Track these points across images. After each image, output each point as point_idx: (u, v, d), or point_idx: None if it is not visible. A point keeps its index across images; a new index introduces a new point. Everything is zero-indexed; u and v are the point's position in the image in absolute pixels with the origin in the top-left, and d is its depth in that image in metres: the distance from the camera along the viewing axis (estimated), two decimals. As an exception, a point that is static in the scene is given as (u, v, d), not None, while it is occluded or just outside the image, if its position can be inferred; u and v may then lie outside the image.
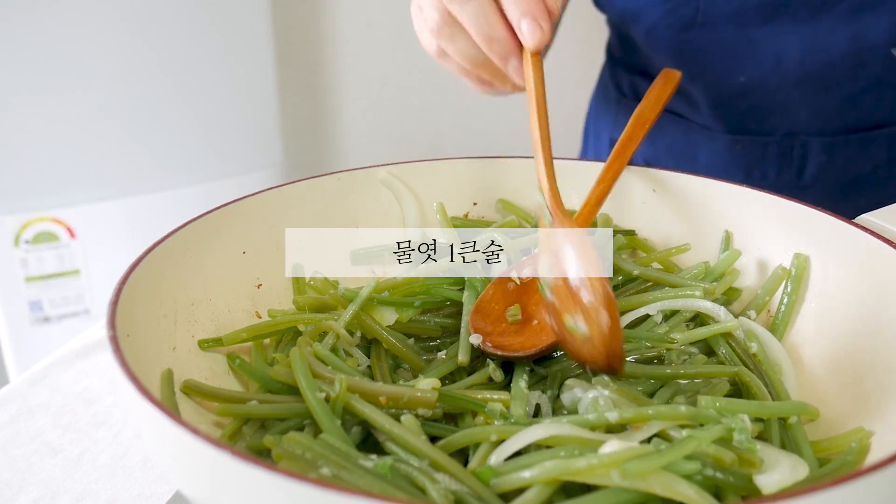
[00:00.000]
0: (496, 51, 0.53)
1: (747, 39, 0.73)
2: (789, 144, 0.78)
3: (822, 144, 0.77)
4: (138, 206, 1.33)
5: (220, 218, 0.52)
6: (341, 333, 0.50)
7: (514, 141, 1.75)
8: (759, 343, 0.50)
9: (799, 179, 0.78)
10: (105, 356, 0.66)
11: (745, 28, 0.73)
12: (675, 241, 0.60)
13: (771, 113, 0.77)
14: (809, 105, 0.76)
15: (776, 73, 0.74)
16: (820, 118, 0.76)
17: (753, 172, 0.79)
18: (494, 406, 0.42)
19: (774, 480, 0.37)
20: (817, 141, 0.77)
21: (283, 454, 0.36)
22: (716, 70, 0.76)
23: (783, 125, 0.77)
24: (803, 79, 0.74)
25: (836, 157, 0.77)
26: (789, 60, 0.73)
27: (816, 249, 0.52)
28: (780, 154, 0.78)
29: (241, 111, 1.41)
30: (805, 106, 0.76)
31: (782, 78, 0.74)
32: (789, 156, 0.78)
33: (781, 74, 0.74)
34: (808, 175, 0.78)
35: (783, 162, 0.78)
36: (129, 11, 1.24)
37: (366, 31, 1.64)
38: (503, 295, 0.52)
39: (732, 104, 0.78)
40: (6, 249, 1.25)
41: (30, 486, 0.51)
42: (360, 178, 0.60)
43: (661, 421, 0.40)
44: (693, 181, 0.58)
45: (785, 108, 0.76)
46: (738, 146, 0.79)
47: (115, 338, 0.38)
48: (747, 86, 0.76)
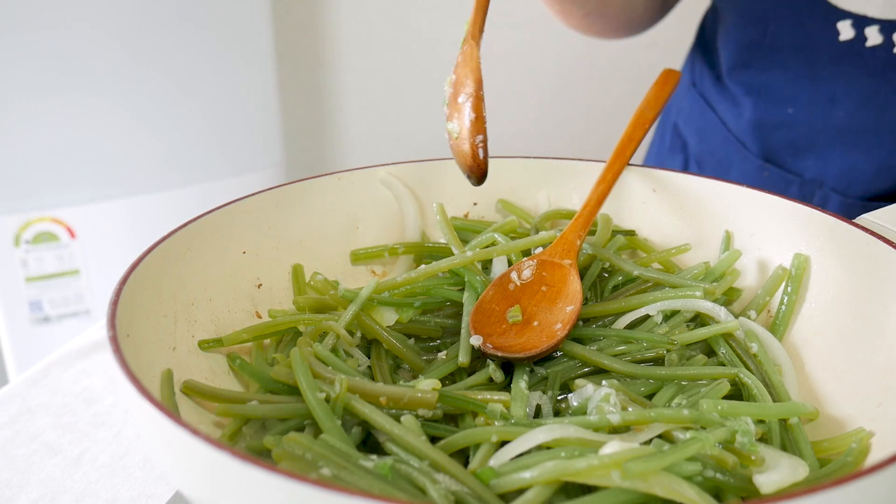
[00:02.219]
0: None
1: (810, 74, 0.72)
2: (811, 191, 0.77)
3: (842, 204, 0.76)
4: (138, 206, 1.33)
5: (220, 218, 0.52)
6: (341, 334, 0.50)
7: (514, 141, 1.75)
8: (759, 343, 0.50)
9: None
10: (105, 356, 0.66)
11: (811, 62, 0.72)
12: (675, 241, 0.60)
13: (807, 152, 0.76)
14: (846, 158, 0.74)
15: (826, 115, 0.73)
16: (851, 177, 0.75)
17: None
18: (495, 407, 0.42)
19: (773, 480, 0.37)
20: (839, 199, 0.76)
21: (283, 454, 0.36)
22: (770, 93, 0.76)
23: (813, 170, 0.76)
24: (850, 129, 0.73)
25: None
26: (843, 107, 0.72)
27: (816, 249, 0.52)
28: (800, 197, 0.77)
29: (241, 111, 1.41)
30: (841, 157, 0.74)
31: (830, 121, 0.73)
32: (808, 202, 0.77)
33: (830, 117, 0.73)
34: None
35: None
36: (129, 11, 1.24)
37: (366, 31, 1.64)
38: (503, 296, 0.52)
39: (774, 132, 0.77)
40: (6, 249, 1.25)
41: (30, 486, 0.51)
42: (360, 178, 0.60)
43: (663, 423, 0.40)
44: (693, 181, 0.58)
45: (821, 153, 0.75)
46: (765, 173, 0.79)
47: (115, 338, 0.38)
48: (794, 118, 0.75)
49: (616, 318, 0.53)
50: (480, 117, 0.50)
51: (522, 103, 1.72)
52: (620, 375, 0.47)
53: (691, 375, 0.47)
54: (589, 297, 0.55)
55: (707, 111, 0.85)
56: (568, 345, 0.48)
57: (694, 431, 0.39)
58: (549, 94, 1.69)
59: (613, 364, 0.47)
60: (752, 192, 0.55)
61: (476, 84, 0.50)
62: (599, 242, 0.58)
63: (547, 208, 0.62)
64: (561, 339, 0.48)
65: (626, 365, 0.47)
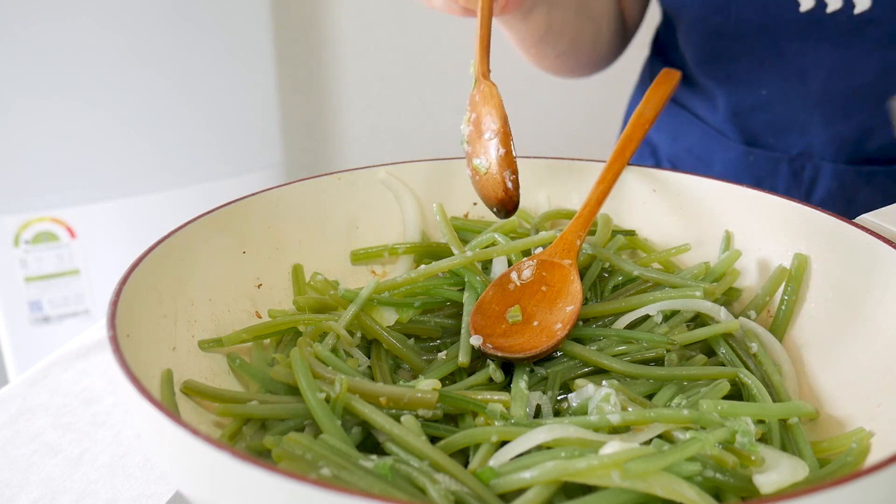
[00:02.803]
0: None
1: (776, 52, 0.73)
2: (801, 165, 0.77)
3: (834, 171, 0.76)
4: (138, 206, 1.33)
5: (220, 218, 0.52)
6: (341, 334, 0.50)
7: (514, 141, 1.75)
8: (759, 343, 0.50)
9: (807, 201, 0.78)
10: (105, 356, 0.66)
11: (775, 41, 0.72)
12: (675, 241, 0.60)
13: (788, 130, 0.76)
14: (828, 128, 0.75)
15: (799, 91, 0.73)
16: (836, 144, 0.75)
17: (763, 186, 0.79)
18: (495, 407, 0.42)
19: (773, 480, 0.37)
20: (830, 167, 0.76)
21: (283, 455, 0.36)
22: (741, 79, 0.76)
23: (798, 144, 0.77)
24: (826, 100, 0.73)
25: (845, 187, 0.76)
26: (814, 79, 0.72)
27: (816, 249, 0.52)
28: (791, 173, 0.78)
29: (241, 111, 1.41)
30: (823, 129, 0.75)
31: (805, 96, 0.74)
32: (800, 176, 0.77)
33: (804, 93, 0.73)
34: (815, 199, 0.77)
35: (793, 181, 0.78)
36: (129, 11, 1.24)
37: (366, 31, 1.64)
38: (503, 296, 0.52)
39: (752, 115, 0.78)
40: (6, 249, 1.25)
41: (30, 486, 0.51)
42: (360, 178, 0.60)
43: (663, 423, 0.40)
44: (693, 181, 0.58)
45: (803, 128, 0.76)
46: (751, 157, 0.79)
47: (115, 338, 0.38)
48: (769, 99, 0.75)
49: (616, 318, 0.52)
50: (509, 152, 0.52)
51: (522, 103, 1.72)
52: (620, 375, 0.47)
53: (691, 375, 0.47)
54: (589, 297, 0.55)
55: (679, 111, 0.85)
56: (568, 345, 0.48)
57: (694, 431, 0.39)
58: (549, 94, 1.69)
59: (613, 364, 0.47)
60: (752, 191, 0.55)
61: (502, 120, 0.52)
62: (599, 242, 0.58)
63: (547, 208, 0.62)
64: (561, 339, 0.48)
65: (626, 365, 0.47)
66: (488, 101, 0.53)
